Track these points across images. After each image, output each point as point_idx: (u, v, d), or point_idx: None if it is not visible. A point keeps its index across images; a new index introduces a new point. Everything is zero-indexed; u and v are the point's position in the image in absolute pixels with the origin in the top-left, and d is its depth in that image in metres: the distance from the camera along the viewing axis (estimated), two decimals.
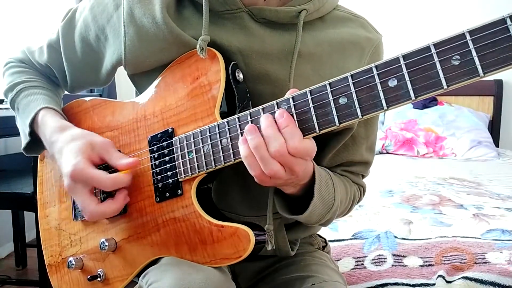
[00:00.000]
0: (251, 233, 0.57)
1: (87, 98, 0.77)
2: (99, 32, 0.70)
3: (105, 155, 0.63)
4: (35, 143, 0.72)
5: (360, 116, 0.48)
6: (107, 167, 0.64)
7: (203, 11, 0.62)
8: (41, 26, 2.32)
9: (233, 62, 0.62)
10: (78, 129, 0.67)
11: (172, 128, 0.63)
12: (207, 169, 0.59)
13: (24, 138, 0.73)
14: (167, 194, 0.63)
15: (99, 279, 0.68)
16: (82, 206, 0.61)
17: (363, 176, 0.78)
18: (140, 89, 0.71)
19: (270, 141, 0.51)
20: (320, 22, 0.69)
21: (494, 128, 2.84)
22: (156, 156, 0.64)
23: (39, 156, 0.81)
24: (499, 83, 2.83)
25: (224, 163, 0.57)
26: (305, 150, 0.52)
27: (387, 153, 2.62)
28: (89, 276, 0.69)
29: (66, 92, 0.84)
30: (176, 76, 0.65)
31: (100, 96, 2.53)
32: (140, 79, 0.70)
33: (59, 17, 0.77)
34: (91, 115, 0.74)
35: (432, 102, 2.80)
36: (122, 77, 0.75)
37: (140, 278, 0.63)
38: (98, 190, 0.67)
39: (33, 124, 0.70)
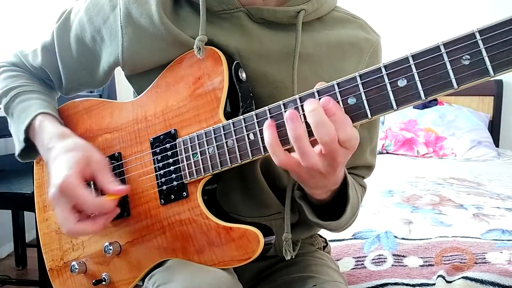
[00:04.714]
0: (260, 234, 0.57)
1: (82, 99, 0.75)
2: (95, 33, 0.69)
3: (97, 174, 0.61)
4: (30, 149, 0.71)
5: (370, 117, 0.48)
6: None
7: (200, 11, 0.62)
8: (33, 29, 2.30)
9: (236, 61, 0.61)
10: (78, 139, 0.65)
11: (175, 130, 0.63)
12: (213, 171, 0.59)
13: (18, 144, 0.71)
14: (172, 196, 0.62)
15: (104, 283, 0.68)
16: (61, 221, 0.59)
17: (363, 178, 0.78)
18: (138, 90, 0.70)
19: (318, 127, 0.47)
20: (318, 23, 0.68)
21: (494, 128, 2.84)
22: (159, 158, 0.64)
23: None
24: (499, 83, 2.83)
25: (231, 165, 0.57)
26: (356, 139, 0.49)
27: (387, 153, 2.63)
28: (94, 281, 0.68)
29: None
30: (177, 76, 0.64)
31: (100, 96, 2.53)
32: (138, 80, 0.70)
33: (51, 19, 0.76)
34: (88, 117, 0.73)
35: (432, 102, 2.81)
36: (122, 77, 0.75)
37: (146, 280, 0.63)
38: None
39: (28, 130, 0.69)
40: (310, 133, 0.49)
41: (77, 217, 0.59)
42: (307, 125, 0.49)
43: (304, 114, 0.50)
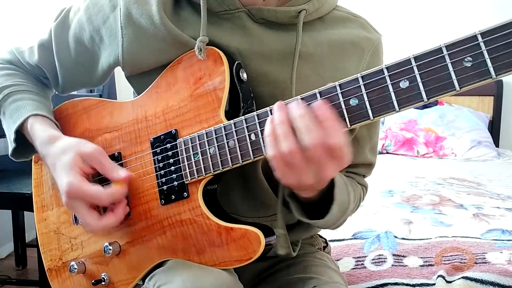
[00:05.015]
0: (261, 235, 0.57)
1: (82, 99, 0.75)
2: (94, 33, 0.69)
3: (96, 165, 0.62)
4: (23, 148, 0.71)
5: (371, 118, 0.48)
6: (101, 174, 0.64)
7: (201, 12, 0.62)
8: (29, 26, 2.28)
9: (237, 62, 0.61)
10: (66, 139, 0.65)
11: (175, 130, 0.63)
12: (214, 171, 0.59)
13: (10, 145, 0.71)
14: (173, 196, 0.62)
15: (103, 283, 0.68)
16: (84, 222, 0.61)
17: (364, 176, 0.78)
18: (138, 90, 0.70)
19: (307, 131, 0.47)
20: (319, 23, 0.68)
21: (494, 128, 2.84)
22: (159, 158, 0.64)
23: (33, 158, 0.80)
24: (499, 83, 2.83)
25: (232, 165, 0.57)
26: (347, 150, 0.48)
27: (387, 153, 2.63)
28: (93, 281, 0.68)
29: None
30: (177, 76, 0.64)
31: (100, 96, 2.53)
32: (138, 80, 0.70)
33: (47, 17, 0.76)
34: (88, 117, 0.73)
35: (432, 102, 2.80)
36: (122, 77, 0.75)
37: (146, 280, 0.63)
38: None
39: (20, 130, 0.69)
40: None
41: (97, 215, 0.61)
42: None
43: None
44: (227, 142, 0.57)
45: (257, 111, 0.55)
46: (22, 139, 0.70)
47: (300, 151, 0.48)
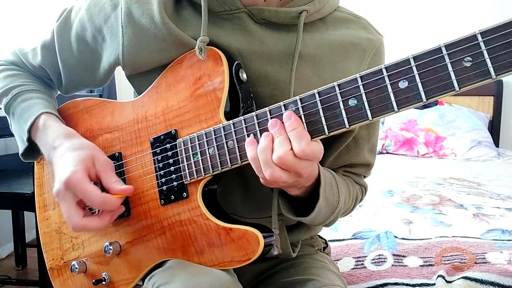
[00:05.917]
0: (260, 235, 0.57)
1: (84, 99, 0.75)
2: (96, 33, 0.69)
3: (102, 174, 0.62)
4: (33, 148, 0.71)
5: (370, 118, 0.48)
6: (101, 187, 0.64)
7: (202, 12, 0.62)
8: (32, 27, 2.28)
9: (236, 62, 0.61)
10: (84, 140, 0.67)
11: (175, 130, 0.63)
12: (213, 171, 0.59)
13: (21, 144, 0.72)
14: (172, 197, 0.62)
15: (104, 282, 0.68)
16: (67, 215, 0.60)
17: (364, 176, 0.78)
18: (138, 90, 0.70)
19: (275, 147, 0.52)
20: (321, 23, 0.68)
21: (494, 128, 2.84)
22: (159, 158, 0.64)
23: None
24: (499, 83, 2.84)
25: (231, 165, 0.57)
26: (313, 153, 0.52)
27: (387, 153, 2.63)
28: (94, 280, 0.68)
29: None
30: (177, 76, 0.64)
31: (100, 96, 2.53)
32: (139, 80, 0.70)
33: (50, 18, 0.76)
34: (89, 117, 0.73)
35: (432, 102, 2.80)
36: (122, 77, 0.75)
37: (146, 280, 0.63)
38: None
39: (31, 129, 0.69)
40: None
41: (83, 212, 0.61)
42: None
43: (304, 114, 0.52)
44: (226, 143, 0.57)
45: (256, 112, 0.55)
46: (31, 140, 0.70)
47: (281, 171, 0.53)
